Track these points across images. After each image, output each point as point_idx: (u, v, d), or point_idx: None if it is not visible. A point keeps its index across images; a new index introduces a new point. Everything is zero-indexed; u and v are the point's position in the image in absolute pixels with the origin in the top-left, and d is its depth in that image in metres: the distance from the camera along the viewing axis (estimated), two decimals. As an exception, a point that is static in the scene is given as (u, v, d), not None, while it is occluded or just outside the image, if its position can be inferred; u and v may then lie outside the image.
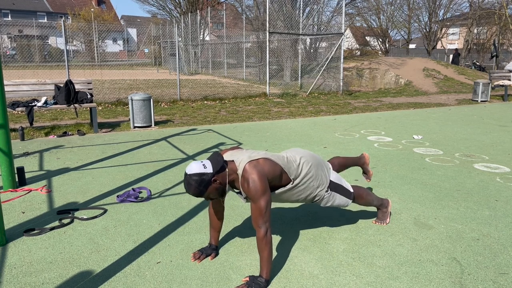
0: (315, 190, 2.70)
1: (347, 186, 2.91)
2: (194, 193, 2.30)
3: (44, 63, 29.19)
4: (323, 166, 2.78)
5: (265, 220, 2.31)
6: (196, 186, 2.28)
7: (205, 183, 2.29)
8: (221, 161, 2.36)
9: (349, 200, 2.89)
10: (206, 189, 2.31)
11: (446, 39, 30.81)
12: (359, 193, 2.99)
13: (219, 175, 2.34)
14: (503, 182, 4.25)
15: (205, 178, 2.29)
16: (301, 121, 8.08)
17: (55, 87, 6.64)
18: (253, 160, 2.38)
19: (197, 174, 2.29)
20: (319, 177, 2.70)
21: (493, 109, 9.96)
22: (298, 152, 2.74)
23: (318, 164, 2.74)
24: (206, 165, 2.33)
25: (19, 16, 47.02)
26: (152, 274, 2.47)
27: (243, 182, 2.34)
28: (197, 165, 2.33)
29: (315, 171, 2.69)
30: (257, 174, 2.32)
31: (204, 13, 23.04)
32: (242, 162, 2.38)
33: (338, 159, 3.22)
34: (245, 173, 2.33)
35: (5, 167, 3.83)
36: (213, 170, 2.32)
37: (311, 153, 2.79)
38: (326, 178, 2.76)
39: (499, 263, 2.61)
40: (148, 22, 39.06)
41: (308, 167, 2.65)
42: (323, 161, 2.83)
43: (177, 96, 10.78)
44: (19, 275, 2.46)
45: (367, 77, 16.65)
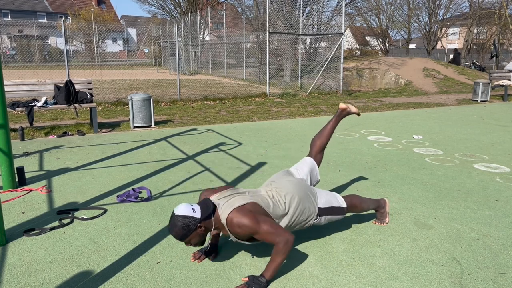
0: (303, 223, 2.65)
1: (338, 203, 2.84)
2: (176, 235, 2.26)
3: (44, 63, 29.19)
4: (310, 196, 2.69)
5: (278, 234, 2.29)
6: (181, 228, 2.25)
7: (190, 228, 2.26)
8: (210, 208, 2.34)
9: (342, 216, 2.86)
10: (190, 233, 2.27)
11: (446, 39, 30.82)
12: (352, 204, 2.94)
13: (206, 221, 2.32)
14: (503, 182, 4.25)
15: (191, 223, 2.26)
16: (301, 121, 8.08)
17: (55, 87, 6.64)
18: (235, 208, 2.34)
19: (185, 217, 2.26)
20: (306, 210, 2.63)
21: (493, 109, 9.96)
22: (284, 186, 2.65)
23: (305, 195, 2.66)
24: (196, 209, 2.31)
25: (19, 16, 47.01)
26: (152, 274, 2.47)
27: (233, 230, 2.32)
28: (186, 207, 2.30)
29: (302, 206, 2.62)
30: (242, 215, 2.29)
31: (204, 13, 23.05)
32: (225, 211, 2.35)
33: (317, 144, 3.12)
34: (230, 221, 2.31)
35: (5, 167, 3.83)
36: (201, 216, 2.30)
37: (297, 183, 2.70)
38: (314, 208, 2.69)
39: (499, 263, 2.61)
40: (148, 22, 39.07)
41: (295, 205, 2.58)
42: (308, 188, 2.74)
43: (177, 96, 10.78)
44: (19, 275, 2.46)
45: (367, 77, 16.65)
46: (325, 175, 4.48)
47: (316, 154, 3.12)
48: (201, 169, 4.69)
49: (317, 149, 3.13)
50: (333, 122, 3.20)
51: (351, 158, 5.19)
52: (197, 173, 4.53)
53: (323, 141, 3.14)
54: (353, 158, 5.19)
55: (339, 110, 3.26)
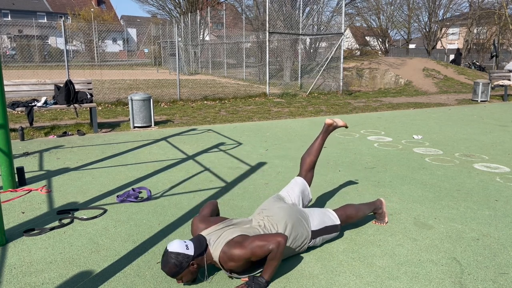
0: (297, 248, 2.63)
1: (332, 220, 2.82)
2: (169, 272, 2.26)
3: (44, 63, 29.19)
4: (302, 221, 2.68)
5: (268, 241, 2.28)
6: (174, 265, 2.24)
7: (183, 265, 2.25)
8: (203, 245, 2.33)
9: (337, 232, 2.85)
10: (183, 270, 2.27)
11: (446, 39, 30.82)
12: (347, 215, 2.93)
13: (198, 258, 2.31)
14: (503, 182, 4.25)
15: (184, 260, 2.25)
16: (301, 121, 8.08)
17: (55, 87, 6.64)
18: (225, 244, 2.34)
19: (178, 254, 2.25)
20: (299, 235, 2.62)
21: (493, 109, 9.96)
22: (275, 214, 2.64)
23: (296, 221, 2.64)
24: (189, 246, 2.30)
25: (19, 16, 47.00)
26: (152, 274, 2.47)
27: (227, 265, 2.32)
28: (180, 244, 2.29)
29: (295, 232, 2.60)
30: (231, 249, 2.29)
31: (204, 13, 23.05)
32: (215, 250, 2.34)
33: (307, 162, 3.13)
34: (223, 258, 2.31)
35: (5, 167, 3.82)
36: (194, 253, 2.29)
37: (288, 209, 2.68)
38: (307, 233, 2.67)
39: (499, 263, 2.61)
40: (148, 22, 39.07)
41: (288, 233, 2.57)
42: (300, 213, 2.72)
43: (177, 96, 10.78)
44: (19, 275, 2.46)
45: (367, 77, 16.65)
46: (325, 175, 4.48)
47: (306, 172, 3.12)
48: (201, 169, 4.69)
49: (307, 167, 3.13)
50: (320, 139, 3.22)
51: (351, 158, 5.19)
52: (197, 173, 4.53)
53: (312, 158, 3.15)
54: (353, 158, 5.19)
55: (325, 125, 3.26)
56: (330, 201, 3.72)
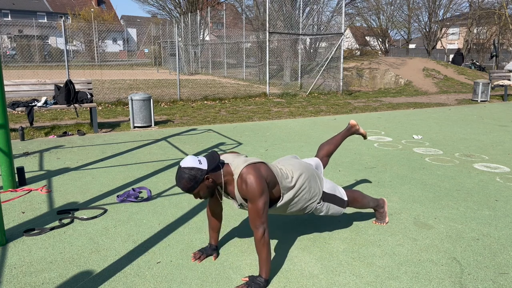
0: (307, 202, 2.65)
1: (341, 194, 2.87)
2: (184, 187, 2.26)
3: (44, 63, 29.19)
4: (316, 177, 2.73)
5: (263, 220, 2.30)
6: (188, 180, 2.24)
7: (198, 179, 2.25)
8: (217, 160, 2.32)
9: (342, 209, 2.86)
10: (198, 185, 2.26)
11: (446, 39, 30.81)
12: (354, 197, 2.96)
13: (213, 174, 2.31)
14: (503, 182, 4.25)
15: (198, 174, 2.25)
16: (301, 121, 8.08)
17: (55, 87, 6.65)
18: (250, 163, 2.35)
19: (191, 169, 2.25)
20: (312, 189, 2.65)
21: (493, 109, 9.96)
22: (292, 164, 2.68)
23: (311, 175, 2.68)
24: (202, 161, 2.30)
25: (19, 16, 47.02)
26: (152, 274, 2.47)
27: (240, 183, 2.31)
28: (193, 159, 2.29)
29: (308, 184, 2.64)
30: (255, 174, 2.29)
31: (204, 13, 23.04)
32: (238, 165, 2.35)
33: (325, 149, 3.16)
34: (243, 174, 2.30)
35: (5, 167, 3.83)
36: (207, 167, 2.29)
37: (304, 164, 2.73)
38: (319, 189, 2.71)
39: (499, 263, 2.61)
40: (148, 22, 39.06)
41: (302, 181, 2.60)
42: (315, 171, 2.78)
43: (177, 96, 10.78)
44: (19, 275, 2.46)
45: (367, 77, 16.65)
46: (325, 175, 4.48)
47: (322, 156, 3.14)
48: (201, 169, 4.69)
49: (324, 153, 3.16)
50: (342, 134, 3.28)
51: (351, 158, 5.19)
52: (197, 173, 4.53)
53: (331, 147, 3.18)
54: (353, 158, 5.19)
55: (349, 125, 3.34)
56: (330, 201, 3.72)
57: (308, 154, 5.37)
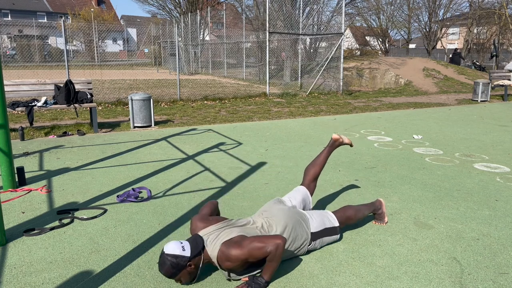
0: (296, 249, 2.62)
1: (331, 222, 2.81)
2: (166, 273, 2.26)
3: (44, 63, 29.18)
4: (302, 223, 2.67)
5: (267, 243, 2.27)
6: (170, 267, 2.24)
7: (180, 266, 2.25)
8: (200, 245, 2.33)
9: (337, 235, 2.83)
10: (180, 272, 2.26)
11: (446, 39, 30.81)
12: (346, 217, 2.91)
13: (195, 259, 2.30)
14: (503, 182, 4.25)
15: (180, 261, 2.25)
16: (301, 121, 8.08)
17: (55, 87, 6.64)
18: (222, 242, 2.33)
19: (174, 256, 2.24)
20: (299, 237, 2.61)
21: (493, 109, 9.96)
22: (275, 215, 2.63)
23: (296, 223, 2.63)
24: (185, 248, 2.29)
25: (19, 16, 47.01)
26: (152, 274, 2.47)
27: (224, 264, 2.30)
28: (176, 246, 2.28)
29: (294, 233, 2.60)
30: (229, 248, 2.28)
31: (204, 13, 23.04)
32: (213, 250, 2.33)
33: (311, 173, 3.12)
34: (220, 257, 2.29)
35: (5, 167, 3.83)
36: (190, 254, 2.28)
37: (287, 212, 2.67)
38: (307, 234, 2.66)
39: (499, 263, 2.61)
40: (148, 22, 39.06)
41: (287, 234, 2.56)
42: (300, 215, 2.71)
43: (177, 96, 10.78)
44: (19, 275, 2.46)
45: (367, 77, 16.65)
46: (325, 175, 4.48)
47: (309, 183, 3.12)
48: (201, 169, 4.69)
49: (310, 178, 3.13)
50: (326, 152, 3.22)
51: (351, 158, 5.19)
52: (197, 173, 4.53)
53: (316, 170, 3.15)
54: (353, 158, 5.19)
55: (331, 140, 3.27)
56: (330, 201, 3.72)
57: (308, 154, 5.37)
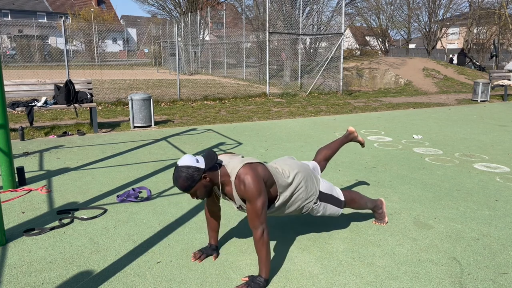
0: (303, 202, 2.64)
1: (338, 194, 2.86)
2: (181, 186, 2.24)
3: (44, 63, 29.18)
4: (313, 178, 2.73)
5: (262, 221, 2.29)
6: (185, 179, 2.23)
7: (195, 178, 2.24)
8: (214, 159, 2.31)
9: (340, 209, 2.85)
10: (195, 184, 2.25)
11: (446, 39, 30.81)
12: (351, 197, 2.95)
13: (211, 173, 2.30)
14: (503, 182, 4.25)
15: (195, 173, 2.24)
16: (301, 121, 8.08)
17: (55, 87, 6.65)
18: (247, 163, 2.35)
19: (188, 167, 2.24)
20: (308, 189, 2.65)
21: (493, 109, 9.96)
22: (289, 164, 2.68)
23: (308, 175, 2.68)
24: (199, 160, 2.29)
25: (19, 16, 47.01)
26: (152, 274, 2.47)
27: (238, 184, 2.30)
28: (190, 158, 2.29)
29: (305, 183, 2.64)
30: (252, 174, 2.29)
31: (204, 13, 23.04)
32: (235, 166, 2.34)
33: (323, 153, 3.16)
34: (240, 175, 2.29)
35: (5, 167, 3.83)
36: (205, 166, 2.28)
37: (301, 164, 2.73)
38: (316, 189, 2.70)
39: (498, 263, 2.61)
40: (148, 22, 39.05)
41: (298, 180, 2.60)
42: (312, 171, 2.78)
43: (177, 96, 10.78)
44: (19, 275, 2.46)
45: (367, 77, 16.65)
46: (325, 175, 4.48)
47: (320, 161, 3.13)
48: (201, 169, 4.69)
49: (321, 157, 3.15)
50: (340, 141, 3.28)
51: (351, 158, 5.19)
52: (197, 173, 4.53)
53: (328, 152, 3.18)
54: (353, 158, 5.19)
55: (347, 131, 3.35)
56: (330, 201, 3.72)
57: (308, 154, 5.37)
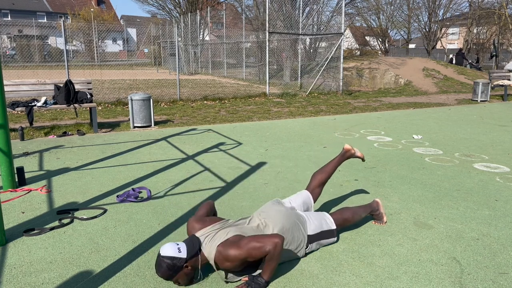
0: (293, 252, 2.61)
1: (328, 225, 2.80)
2: (163, 275, 2.26)
3: (44, 63, 29.17)
4: (299, 225, 2.66)
5: (265, 243, 2.27)
6: (167, 269, 2.24)
7: (176, 268, 2.25)
8: (196, 247, 2.32)
9: (333, 238, 2.82)
10: (176, 274, 2.26)
11: (446, 39, 30.81)
12: (344, 219, 2.90)
13: (192, 260, 2.30)
14: (503, 182, 4.25)
15: (176, 263, 2.24)
16: (301, 121, 8.08)
17: (54, 87, 6.64)
18: (219, 244, 2.32)
19: (170, 258, 2.24)
20: (295, 239, 2.61)
21: (493, 109, 9.97)
22: (272, 217, 2.63)
23: (293, 225, 2.63)
24: (181, 249, 2.29)
25: (19, 16, 46.99)
26: (152, 274, 2.47)
27: (223, 265, 2.30)
28: (172, 248, 2.28)
29: (291, 235, 2.59)
30: (226, 249, 2.28)
31: (204, 13, 23.04)
32: (210, 252, 2.32)
33: (317, 179, 3.09)
34: (218, 258, 2.29)
35: (5, 167, 3.82)
36: (187, 256, 2.28)
37: (284, 213, 2.66)
38: (303, 236, 2.65)
39: (498, 263, 2.61)
40: (148, 22, 39.04)
41: (284, 236, 2.56)
42: (297, 217, 2.70)
43: (177, 96, 10.78)
44: (19, 275, 2.46)
45: (366, 77, 16.65)
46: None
47: (314, 188, 3.08)
48: (201, 169, 4.69)
49: (316, 183, 3.09)
50: (336, 161, 3.20)
51: (351, 158, 5.18)
52: (197, 173, 4.53)
53: (323, 177, 3.11)
54: (353, 158, 5.19)
55: (343, 150, 3.26)
56: (329, 201, 3.72)
57: (308, 154, 5.37)
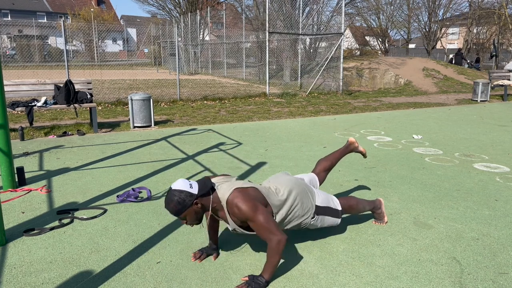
0: (300, 219, 2.63)
1: (335, 205, 2.84)
2: (172, 209, 2.25)
3: (44, 63, 29.17)
4: (308, 193, 2.70)
5: (271, 231, 2.28)
6: (176, 203, 2.23)
7: (186, 203, 2.25)
8: (208, 186, 2.32)
9: (338, 219, 2.83)
10: (185, 209, 2.26)
11: (446, 39, 30.81)
12: (349, 205, 2.94)
13: (203, 199, 2.30)
14: (503, 182, 4.25)
15: (187, 198, 2.24)
16: (301, 121, 8.08)
17: (54, 87, 6.65)
18: (236, 188, 2.34)
19: (181, 192, 2.24)
20: (304, 205, 2.63)
21: (493, 109, 9.97)
22: (282, 181, 2.66)
23: (302, 191, 2.66)
24: (193, 185, 2.29)
25: (19, 16, 47.01)
26: (152, 274, 2.47)
27: (231, 209, 2.31)
28: (184, 183, 2.29)
29: (300, 200, 2.62)
30: (242, 197, 2.29)
31: (204, 13, 23.04)
32: (224, 192, 2.34)
33: (322, 164, 3.14)
34: (230, 200, 2.30)
35: (5, 167, 3.83)
36: (198, 192, 2.28)
37: (295, 180, 2.71)
38: (312, 204, 2.69)
39: (498, 263, 2.61)
40: (148, 22, 39.03)
41: (293, 198, 2.58)
42: (306, 186, 2.74)
43: (177, 96, 10.78)
44: (19, 275, 2.46)
45: (366, 77, 16.65)
46: (325, 175, 4.48)
47: (319, 172, 3.12)
48: (201, 169, 4.69)
49: (321, 168, 3.13)
50: (340, 152, 3.25)
51: (351, 158, 5.19)
52: (197, 173, 4.54)
53: (328, 164, 3.16)
54: (353, 158, 5.19)
55: (347, 142, 3.32)
56: (330, 201, 3.72)
57: (308, 154, 5.37)
